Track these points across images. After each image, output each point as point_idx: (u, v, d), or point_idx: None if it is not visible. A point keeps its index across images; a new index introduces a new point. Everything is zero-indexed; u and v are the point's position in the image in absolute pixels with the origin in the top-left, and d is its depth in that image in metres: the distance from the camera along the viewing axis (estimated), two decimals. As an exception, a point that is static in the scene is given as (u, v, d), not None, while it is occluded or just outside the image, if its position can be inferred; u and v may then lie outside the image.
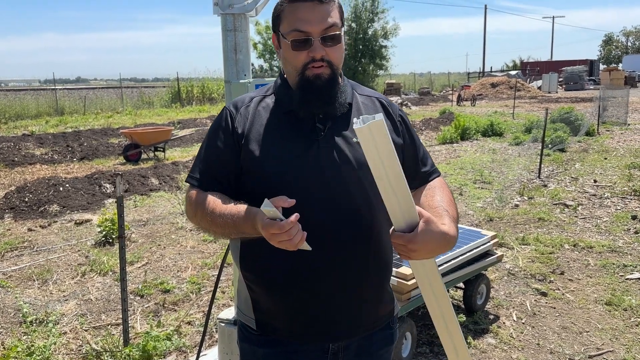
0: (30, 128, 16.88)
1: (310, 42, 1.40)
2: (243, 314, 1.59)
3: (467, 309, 3.83)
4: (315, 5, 1.40)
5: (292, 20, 1.41)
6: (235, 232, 1.38)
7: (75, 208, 6.95)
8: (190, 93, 29.07)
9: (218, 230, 1.42)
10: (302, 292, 1.47)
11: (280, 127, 1.48)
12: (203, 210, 1.43)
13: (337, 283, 1.47)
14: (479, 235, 3.86)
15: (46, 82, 53.00)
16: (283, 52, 1.47)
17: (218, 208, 1.40)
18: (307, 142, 1.45)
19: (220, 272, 2.61)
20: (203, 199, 1.45)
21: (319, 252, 1.40)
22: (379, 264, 1.54)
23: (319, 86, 1.42)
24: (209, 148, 1.53)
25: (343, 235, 1.44)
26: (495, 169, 9.22)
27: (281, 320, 1.51)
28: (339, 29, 1.44)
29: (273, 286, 1.49)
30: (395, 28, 31.49)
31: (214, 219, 1.40)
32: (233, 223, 1.36)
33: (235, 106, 1.54)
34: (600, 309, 3.94)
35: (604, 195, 7.14)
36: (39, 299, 4.26)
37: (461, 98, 26.81)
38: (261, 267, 1.50)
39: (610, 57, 77.54)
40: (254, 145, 1.46)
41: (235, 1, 2.74)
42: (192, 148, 12.89)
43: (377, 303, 1.57)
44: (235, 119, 1.51)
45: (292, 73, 1.47)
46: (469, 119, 14.20)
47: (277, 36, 1.50)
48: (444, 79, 49.93)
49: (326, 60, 1.42)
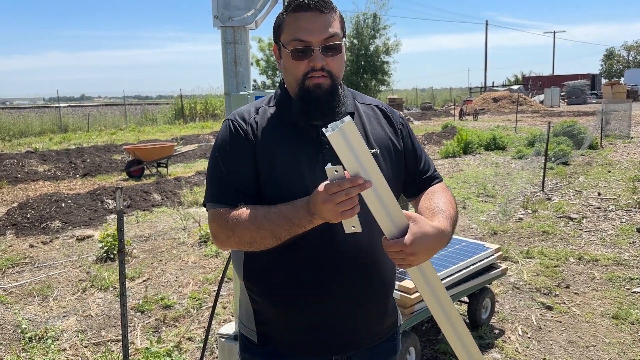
0: (33, 145, 16.95)
1: (311, 51, 1.40)
2: (244, 325, 1.57)
3: (472, 323, 3.78)
4: (316, 15, 1.40)
5: (293, 30, 1.41)
6: (288, 227, 1.29)
7: (77, 224, 6.93)
8: (193, 109, 29.22)
9: (266, 233, 1.31)
10: (307, 304, 1.45)
11: (287, 138, 1.46)
12: (242, 224, 1.33)
13: (342, 295, 1.45)
14: (482, 248, 3.82)
15: (50, 99, 53.40)
16: (284, 61, 1.47)
17: (260, 212, 1.33)
18: (313, 154, 1.44)
19: (219, 287, 2.58)
20: (238, 214, 1.36)
21: (324, 264, 1.41)
22: (384, 275, 1.53)
23: (318, 96, 1.41)
24: (226, 162, 1.45)
25: (350, 248, 1.43)
26: (499, 183, 9.18)
27: (284, 332, 1.49)
28: (339, 39, 1.43)
29: (277, 298, 1.47)
30: (396, 44, 31.66)
31: (260, 224, 1.32)
32: (283, 217, 1.29)
33: (242, 117, 1.50)
34: (607, 323, 3.88)
35: (609, 208, 7.09)
36: (39, 315, 4.23)
37: (463, 113, 26.86)
38: (265, 279, 1.48)
39: (611, 72, 77.71)
40: (266, 157, 1.43)
41: (234, 14, 2.74)
42: (194, 164, 12.91)
43: (382, 314, 1.56)
44: (245, 129, 1.47)
45: (293, 83, 1.46)
46: (471, 133, 14.19)
47: (278, 46, 1.50)
48: (446, 94, 50.10)
49: (326, 70, 1.42)
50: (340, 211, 1.17)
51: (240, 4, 2.73)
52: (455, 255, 3.67)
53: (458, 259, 3.59)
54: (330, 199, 1.16)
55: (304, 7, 1.39)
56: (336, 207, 1.16)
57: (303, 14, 1.40)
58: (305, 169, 1.42)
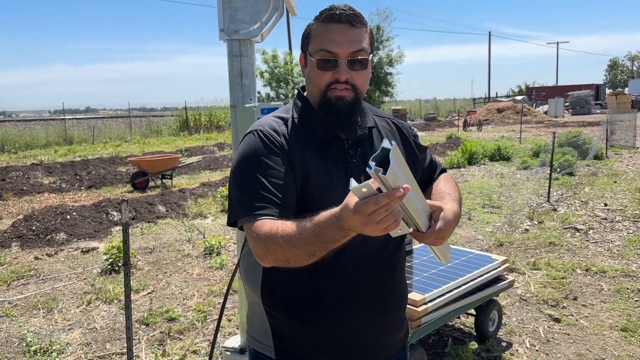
0: (39, 157, 17.03)
1: (337, 63, 1.40)
2: (257, 341, 1.56)
3: (479, 336, 3.74)
4: (346, 28, 1.40)
5: (322, 40, 1.41)
6: (320, 244, 1.19)
7: (82, 236, 6.94)
8: (198, 121, 29.34)
9: (300, 252, 1.23)
10: (329, 319, 1.46)
11: (318, 151, 1.44)
12: (275, 241, 1.25)
13: (363, 307, 1.48)
14: (489, 260, 3.80)
15: (56, 112, 53.70)
16: (308, 70, 1.46)
17: (291, 227, 1.24)
18: (342, 168, 1.44)
19: (225, 299, 2.56)
20: (271, 230, 1.27)
21: (344, 278, 1.43)
22: (399, 286, 1.59)
23: (340, 108, 1.41)
24: (262, 173, 1.37)
25: (369, 260, 1.46)
26: (504, 194, 9.15)
27: (304, 347, 1.49)
28: (367, 54, 1.43)
29: (298, 314, 1.46)
30: (400, 55, 31.82)
31: (292, 242, 1.22)
32: (314, 234, 1.18)
33: (272, 128, 1.44)
34: (616, 335, 3.84)
35: (615, 219, 7.04)
36: (44, 328, 4.21)
37: (467, 123, 26.87)
38: (286, 296, 1.47)
39: (615, 82, 77.67)
40: (301, 170, 1.40)
41: (240, 27, 2.76)
42: (199, 175, 12.93)
43: (398, 325, 1.61)
44: (279, 140, 1.42)
45: (315, 92, 1.46)
46: (475, 143, 14.18)
47: (304, 55, 1.50)
48: (449, 105, 50.13)
49: (350, 84, 1.42)
50: (383, 227, 1.07)
51: (246, 18, 2.74)
52: (462, 267, 3.64)
53: (465, 271, 3.56)
54: (369, 220, 1.05)
55: (336, 19, 1.40)
56: (377, 226, 1.06)
57: (334, 25, 1.40)
58: (338, 183, 1.42)
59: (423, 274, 3.52)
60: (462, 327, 4.00)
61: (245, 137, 1.46)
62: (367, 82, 1.48)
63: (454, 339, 3.80)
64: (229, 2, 2.76)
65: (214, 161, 15.18)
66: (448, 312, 3.33)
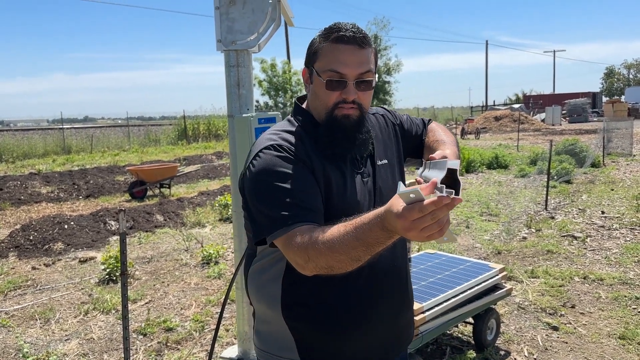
0: (37, 167, 17.01)
1: (345, 84, 1.43)
2: (275, 355, 1.55)
3: (478, 344, 3.73)
4: (354, 49, 1.43)
5: (330, 60, 1.43)
6: (364, 247, 1.16)
7: (80, 246, 6.92)
8: (196, 130, 29.37)
9: (343, 257, 1.20)
10: (354, 323, 1.50)
11: (329, 161, 1.47)
12: (316, 248, 1.23)
13: (385, 310, 1.55)
14: (487, 268, 3.80)
15: (54, 121, 53.74)
16: (315, 88, 1.49)
17: (331, 233, 1.21)
18: (352, 174, 1.50)
19: (222, 309, 2.56)
20: (310, 237, 1.25)
21: (367, 283, 1.49)
22: (409, 284, 1.69)
23: (346, 126, 1.45)
24: (287, 182, 1.36)
25: (390, 262, 1.55)
26: (502, 201, 9.16)
27: (331, 354, 1.52)
28: (373, 75, 1.47)
29: (323, 322, 1.49)
30: (397, 64, 32.06)
31: (335, 248, 1.19)
32: (356, 237, 1.15)
33: (285, 140, 1.45)
34: (614, 343, 3.84)
35: (613, 227, 7.06)
36: (41, 339, 4.20)
37: (465, 131, 26.95)
38: (311, 308, 1.49)
39: (612, 90, 78.04)
40: (322, 181, 1.43)
41: (238, 38, 2.77)
42: (197, 184, 12.93)
43: (410, 324, 1.71)
44: (295, 150, 1.43)
45: (321, 110, 1.49)
46: (473, 151, 14.21)
47: (309, 71, 1.51)
48: (447, 113, 50.27)
49: (357, 103, 1.46)
50: (427, 235, 1.04)
51: (243, 28, 2.76)
52: (460, 275, 3.65)
53: (463, 279, 3.56)
54: (413, 226, 1.02)
55: (345, 40, 1.42)
56: (421, 233, 1.03)
57: (343, 46, 1.42)
58: (352, 190, 1.48)
59: (421, 282, 3.52)
60: (461, 335, 3.99)
61: (260, 154, 1.43)
62: (371, 99, 1.54)
63: (452, 347, 3.79)
64: (227, 13, 2.78)
65: (213, 170, 15.18)
66: (446, 321, 3.33)
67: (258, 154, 1.43)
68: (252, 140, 2.69)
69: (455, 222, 7.62)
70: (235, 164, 2.86)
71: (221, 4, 2.79)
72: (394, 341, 1.62)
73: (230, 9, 2.77)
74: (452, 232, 1.08)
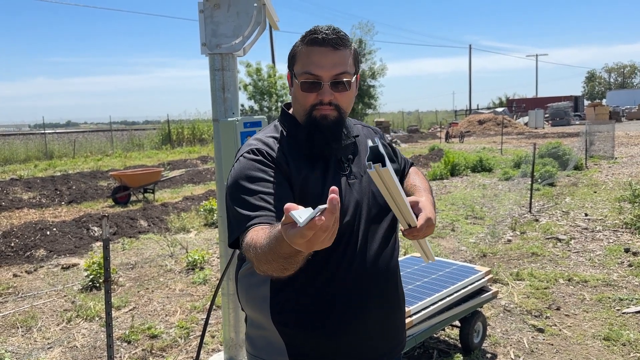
0: (18, 172, 16.77)
1: (320, 85, 1.45)
2: (264, 359, 1.56)
3: (464, 348, 3.74)
4: (328, 51, 1.44)
5: (306, 63, 1.46)
6: (283, 260, 1.11)
7: (63, 252, 6.82)
8: (180, 134, 29.20)
9: (269, 267, 1.16)
10: (343, 322, 1.50)
11: (310, 165, 1.49)
12: (253, 250, 1.21)
13: (374, 308, 1.54)
14: (473, 271, 3.81)
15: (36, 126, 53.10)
16: (294, 90, 1.52)
17: (259, 242, 1.18)
18: (336, 177, 1.50)
19: (208, 315, 2.53)
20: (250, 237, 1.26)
21: (354, 281, 1.49)
22: (399, 284, 1.68)
23: (324, 126, 1.47)
24: (255, 184, 1.38)
25: (385, 264, 1.55)
26: (487, 204, 9.22)
27: (320, 354, 1.52)
28: (350, 76, 1.48)
29: (311, 322, 1.49)
30: (382, 68, 32.17)
31: (263, 255, 1.16)
32: (272, 253, 1.11)
33: (265, 144, 1.48)
34: (599, 345, 3.87)
35: (596, 229, 7.13)
36: (22, 347, 4.11)
37: (449, 135, 27.14)
38: (298, 311, 1.49)
39: (594, 93, 79.19)
40: (296, 181, 1.45)
41: (222, 41, 2.75)
42: (181, 189, 12.83)
43: (402, 325, 1.70)
44: (271, 154, 1.45)
45: (301, 112, 1.52)
46: (458, 155, 14.30)
47: (291, 74, 1.54)
48: (431, 117, 50.63)
49: (334, 104, 1.47)
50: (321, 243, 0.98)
51: (228, 32, 2.74)
52: (446, 279, 3.65)
53: (449, 282, 3.57)
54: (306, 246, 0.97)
55: (318, 42, 1.44)
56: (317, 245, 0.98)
57: (317, 48, 1.44)
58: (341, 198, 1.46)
59: (407, 285, 3.52)
60: (447, 339, 3.99)
61: (240, 159, 1.47)
62: (352, 101, 1.54)
63: (439, 351, 3.80)
64: (211, 16, 2.76)
65: (197, 174, 15.08)
66: (433, 324, 3.33)
67: (238, 158, 1.49)
68: (238, 144, 2.67)
69: (440, 225, 7.65)
70: (220, 168, 2.84)
71: (206, 7, 2.77)
72: (386, 343, 1.61)
73: (214, 13, 2.75)
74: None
